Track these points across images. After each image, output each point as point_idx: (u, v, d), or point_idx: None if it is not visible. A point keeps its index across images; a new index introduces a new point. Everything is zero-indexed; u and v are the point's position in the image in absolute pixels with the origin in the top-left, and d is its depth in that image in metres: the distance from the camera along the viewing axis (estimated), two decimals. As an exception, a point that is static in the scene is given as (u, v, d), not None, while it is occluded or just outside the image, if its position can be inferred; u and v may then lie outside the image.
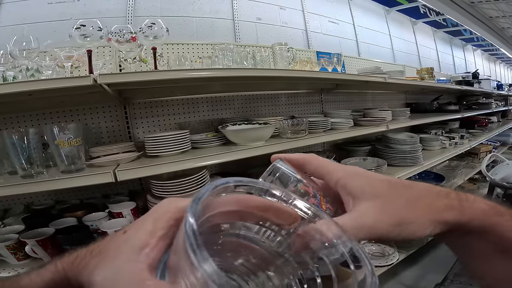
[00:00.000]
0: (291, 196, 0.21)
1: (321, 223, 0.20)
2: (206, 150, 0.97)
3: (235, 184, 0.19)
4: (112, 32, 0.82)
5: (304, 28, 1.95)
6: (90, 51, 0.79)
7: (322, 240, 0.19)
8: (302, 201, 0.21)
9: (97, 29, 0.76)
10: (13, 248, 0.82)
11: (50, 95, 0.83)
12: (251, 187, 0.20)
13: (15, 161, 0.80)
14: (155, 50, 0.87)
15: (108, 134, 1.25)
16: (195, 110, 1.40)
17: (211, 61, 0.99)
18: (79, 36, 0.78)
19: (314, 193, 0.24)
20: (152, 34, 0.85)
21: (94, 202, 1.16)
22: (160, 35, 0.86)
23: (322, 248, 0.19)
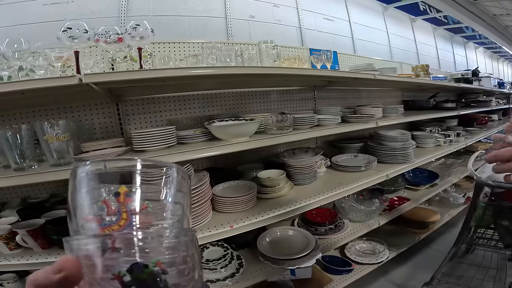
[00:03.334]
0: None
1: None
2: (192, 146, 1.01)
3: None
4: (99, 34, 0.86)
5: (298, 26, 1.97)
6: (77, 52, 0.83)
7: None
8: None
9: (83, 31, 0.80)
10: (5, 238, 0.87)
11: (42, 94, 0.87)
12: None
13: (9, 155, 0.85)
14: (140, 50, 0.90)
15: (101, 130, 1.29)
16: (186, 107, 1.44)
17: (196, 60, 1.02)
18: (67, 38, 0.82)
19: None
20: (138, 34, 0.89)
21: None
22: (146, 36, 0.90)
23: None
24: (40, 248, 0.89)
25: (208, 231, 0.93)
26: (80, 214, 0.23)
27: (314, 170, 1.41)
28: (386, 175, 1.47)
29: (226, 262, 1.15)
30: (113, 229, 0.21)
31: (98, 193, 0.22)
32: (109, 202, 0.22)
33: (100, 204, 0.22)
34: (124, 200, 0.22)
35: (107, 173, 0.23)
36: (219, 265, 1.12)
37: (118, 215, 0.21)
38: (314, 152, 1.48)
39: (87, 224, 0.22)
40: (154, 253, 0.20)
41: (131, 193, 0.22)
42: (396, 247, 1.81)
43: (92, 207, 0.22)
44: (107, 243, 0.20)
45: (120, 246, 0.20)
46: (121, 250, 0.20)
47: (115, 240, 0.20)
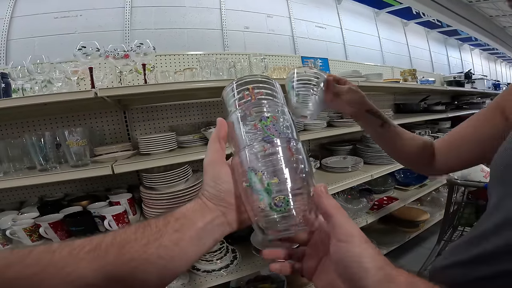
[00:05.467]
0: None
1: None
2: (190, 149, 1.15)
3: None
4: (109, 51, 1.00)
5: (291, 34, 2.09)
6: (91, 68, 0.97)
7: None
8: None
9: (95, 50, 0.94)
10: (29, 231, 0.99)
11: (61, 105, 1.02)
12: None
13: (34, 158, 1.00)
14: (144, 65, 1.04)
15: (111, 135, 1.44)
16: (186, 114, 1.58)
17: (192, 73, 1.15)
18: (81, 55, 0.97)
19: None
20: (142, 51, 1.03)
21: (98, 194, 1.35)
22: (149, 52, 1.04)
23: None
24: (59, 239, 1.02)
25: (204, 224, 1.07)
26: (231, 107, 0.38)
27: (303, 170, 1.53)
28: (370, 175, 1.58)
29: (222, 254, 1.27)
30: (249, 103, 0.36)
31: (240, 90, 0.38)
32: (244, 93, 0.37)
33: (241, 95, 0.37)
34: (251, 90, 0.37)
35: (240, 83, 0.38)
36: (215, 257, 1.25)
37: (250, 98, 0.36)
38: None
39: (238, 106, 0.37)
40: (271, 112, 0.35)
41: (255, 87, 0.37)
42: (386, 245, 1.89)
43: (235, 99, 0.37)
44: (247, 111, 0.35)
45: (253, 111, 0.35)
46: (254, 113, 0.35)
47: (250, 106, 0.36)
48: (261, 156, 0.32)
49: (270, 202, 0.30)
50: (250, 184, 0.31)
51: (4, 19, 1.48)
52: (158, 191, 1.06)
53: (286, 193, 0.30)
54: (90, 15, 1.55)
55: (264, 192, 0.30)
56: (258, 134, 0.33)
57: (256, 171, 0.31)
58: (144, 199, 1.10)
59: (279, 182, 0.31)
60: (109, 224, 1.00)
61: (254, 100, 0.36)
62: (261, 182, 0.31)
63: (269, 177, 0.31)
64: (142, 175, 1.09)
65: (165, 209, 1.04)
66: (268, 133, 0.33)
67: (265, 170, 0.31)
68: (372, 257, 0.26)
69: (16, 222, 1.00)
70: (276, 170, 0.31)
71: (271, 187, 0.30)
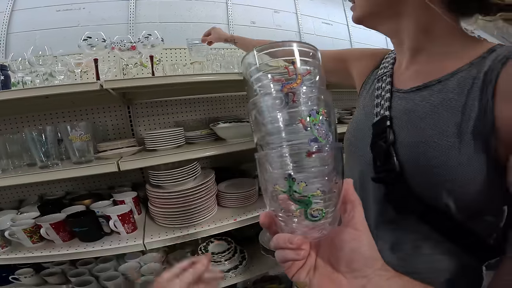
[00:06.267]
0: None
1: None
2: (198, 145, 1.10)
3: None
4: (115, 42, 0.95)
5: (298, 30, 2.04)
6: (96, 59, 0.92)
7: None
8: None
9: (101, 40, 0.89)
10: (29, 232, 0.94)
11: (63, 97, 0.96)
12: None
13: (35, 154, 0.94)
14: (152, 57, 0.99)
15: (114, 131, 1.38)
16: (192, 110, 1.53)
17: (201, 66, 1.11)
18: (87, 45, 0.91)
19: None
20: (149, 43, 0.98)
21: (101, 192, 1.30)
22: (157, 44, 0.99)
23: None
24: (62, 241, 0.97)
25: (214, 224, 1.02)
26: (260, 84, 0.30)
27: (312, 168, 1.49)
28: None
29: (230, 255, 1.23)
30: (293, 86, 0.28)
31: (277, 63, 0.29)
32: (289, 68, 0.28)
33: (282, 69, 0.28)
34: (297, 66, 0.28)
35: (276, 52, 0.30)
36: (223, 258, 1.20)
37: (295, 77, 0.28)
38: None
39: (275, 85, 0.29)
40: (320, 105, 0.28)
41: (303, 61, 0.29)
42: None
43: (271, 74, 0.29)
44: (289, 97, 0.27)
45: (298, 98, 0.28)
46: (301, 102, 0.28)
47: (295, 93, 0.28)
48: (305, 163, 0.27)
49: (306, 213, 0.27)
50: (286, 191, 0.27)
51: (5, 12, 1.42)
52: (166, 189, 1.00)
53: (325, 205, 0.28)
54: (93, 8, 1.50)
55: (302, 204, 0.27)
56: (303, 134, 0.27)
57: (298, 180, 0.27)
58: (150, 197, 1.05)
59: (323, 196, 0.27)
60: (115, 225, 0.95)
61: (300, 81, 0.28)
62: (302, 193, 0.27)
63: (311, 189, 0.27)
64: (149, 173, 1.04)
65: (173, 209, 0.99)
66: (316, 135, 0.27)
67: (308, 182, 0.27)
68: (377, 250, 0.30)
69: (15, 223, 0.95)
70: (321, 182, 0.27)
71: (312, 200, 0.27)
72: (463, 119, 0.36)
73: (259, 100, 0.29)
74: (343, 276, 0.29)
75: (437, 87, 0.41)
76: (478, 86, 0.36)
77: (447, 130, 0.38)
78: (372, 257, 0.29)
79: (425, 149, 0.40)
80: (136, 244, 0.92)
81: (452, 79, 0.39)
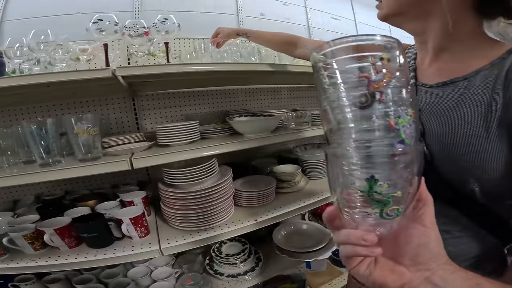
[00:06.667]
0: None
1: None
2: (214, 141, 1.02)
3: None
4: (127, 27, 0.86)
5: (307, 24, 1.98)
6: (106, 44, 0.83)
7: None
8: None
9: (114, 24, 0.80)
10: (30, 238, 0.83)
11: (65, 87, 0.86)
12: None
13: (34, 150, 0.83)
14: (167, 44, 0.91)
15: (117, 125, 1.28)
16: (200, 103, 1.44)
17: (220, 56, 1.03)
18: (95, 30, 0.82)
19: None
20: (164, 29, 0.89)
21: (105, 192, 1.20)
22: (172, 30, 0.90)
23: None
24: (68, 247, 0.87)
25: (233, 225, 0.95)
26: (348, 80, 0.28)
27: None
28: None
29: (245, 257, 1.16)
30: (379, 84, 0.26)
31: (363, 60, 0.27)
32: (377, 65, 0.26)
33: (367, 67, 0.26)
34: (387, 63, 0.26)
35: (358, 47, 0.28)
36: (238, 260, 1.14)
37: (382, 74, 0.26)
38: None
39: (359, 81, 0.27)
40: (408, 106, 0.27)
41: (391, 58, 0.27)
42: None
43: (356, 70, 0.27)
44: (375, 96, 0.26)
45: (384, 98, 0.26)
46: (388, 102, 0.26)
47: (382, 92, 0.26)
48: (389, 165, 0.27)
49: (382, 212, 0.28)
50: (365, 192, 0.27)
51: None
52: (182, 189, 0.92)
53: (402, 205, 0.28)
54: (94, -6, 1.38)
55: (381, 204, 0.28)
56: (390, 135, 0.26)
57: (380, 181, 0.27)
58: (164, 198, 0.96)
59: (402, 196, 0.27)
60: (127, 229, 0.86)
61: (388, 80, 0.26)
62: (383, 194, 0.27)
63: (393, 190, 0.27)
64: (163, 171, 0.95)
65: (190, 210, 0.91)
66: (403, 137, 0.26)
67: (391, 183, 0.27)
68: (443, 246, 0.31)
69: (14, 228, 0.85)
70: (403, 183, 0.27)
71: (391, 200, 0.27)
72: (489, 112, 0.40)
73: (340, 96, 0.28)
74: (406, 269, 0.30)
75: (463, 83, 0.45)
76: (501, 83, 0.40)
77: (474, 121, 0.42)
78: (439, 252, 0.30)
79: (453, 139, 0.44)
80: (152, 250, 0.83)
81: (477, 76, 0.43)
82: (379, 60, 0.26)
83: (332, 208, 0.33)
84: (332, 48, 0.28)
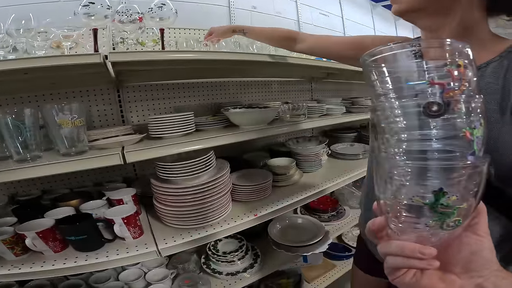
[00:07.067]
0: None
1: None
2: (209, 133, 0.97)
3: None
4: (119, 12, 0.79)
5: (297, 19, 1.98)
6: (96, 30, 0.76)
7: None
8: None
9: (106, 7, 0.72)
10: (9, 243, 0.75)
11: (47, 75, 0.78)
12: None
13: (10, 144, 0.74)
14: (162, 31, 0.85)
15: (100, 118, 1.19)
16: (190, 95, 1.39)
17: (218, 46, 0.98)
18: (83, 14, 0.74)
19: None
20: (158, 15, 0.83)
21: (88, 190, 1.11)
22: (167, 17, 0.84)
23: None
24: (53, 252, 0.79)
25: (233, 222, 0.92)
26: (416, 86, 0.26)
27: (319, 158, 1.44)
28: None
29: (243, 254, 1.14)
30: (455, 93, 0.25)
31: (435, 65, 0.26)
32: (453, 71, 0.25)
33: (444, 71, 0.25)
34: (463, 70, 0.25)
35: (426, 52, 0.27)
36: (236, 257, 1.11)
37: (459, 82, 0.25)
38: (318, 140, 1.51)
39: (431, 89, 0.25)
40: (480, 116, 0.26)
41: (467, 65, 0.25)
42: None
43: (426, 75, 0.26)
44: (450, 104, 0.25)
45: (459, 107, 0.25)
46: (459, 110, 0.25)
47: (458, 100, 0.25)
48: (458, 177, 0.25)
49: (443, 224, 0.27)
50: (430, 204, 0.26)
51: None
52: (177, 184, 0.87)
53: (465, 216, 0.27)
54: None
55: (444, 216, 0.26)
56: (462, 146, 0.25)
57: (449, 194, 0.25)
58: (157, 194, 0.91)
59: (467, 208, 0.27)
60: (120, 230, 0.80)
61: (464, 88, 0.25)
62: (449, 206, 0.26)
63: (460, 202, 0.26)
64: (157, 165, 0.89)
65: (187, 207, 0.87)
66: (475, 149, 0.26)
67: (459, 195, 0.26)
68: (495, 254, 0.30)
69: (-11, 231, 0.75)
70: (469, 195, 0.26)
71: (456, 212, 0.26)
72: (503, 98, 0.42)
73: (407, 103, 0.27)
74: (457, 277, 0.30)
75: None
76: (511, 73, 0.42)
77: (489, 107, 0.43)
78: (491, 259, 0.30)
79: None
80: (149, 252, 0.78)
81: (488, 67, 0.45)
82: (455, 67, 0.25)
83: (381, 219, 0.32)
84: (395, 51, 0.27)
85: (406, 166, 0.27)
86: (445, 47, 0.26)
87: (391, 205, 0.29)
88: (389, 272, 0.32)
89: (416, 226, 0.28)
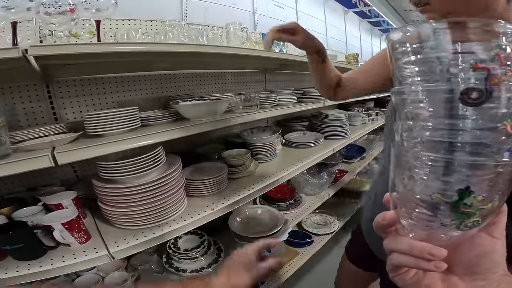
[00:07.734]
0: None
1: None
2: (157, 127, 0.93)
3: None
4: (45, 4, 0.69)
5: (252, 11, 1.98)
6: (15, 23, 0.67)
7: None
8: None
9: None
10: None
11: None
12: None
13: None
14: (98, 22, 0.77)
15: (27, 116, 1.05)
16: (136, 88, 1.30)
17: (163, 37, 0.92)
18: (1, 8, 0.64)
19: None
20: (95, 6, 0.75)
21: (20, 196, 0.98)
22: (105, 8, 0.77)
23: None
24: None
25: (190, 218, 0.90)
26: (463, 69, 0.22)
27: (274, 147, 1.49)
28: (332, 149, 1.68)
29: (205, 249, 1.13)
30: (501, 80, 0.21)
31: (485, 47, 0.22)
32: (501, 56, 0.21)
33: (492, 54, 0.21)
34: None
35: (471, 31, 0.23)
36: (199, 253, 1.10)
37: (504, 68, 0.21)
38: (272, 130, 1.56)
39: (474, 73, 0.22)
40: None
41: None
42: (342, 216, 2.05)
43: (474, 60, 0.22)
44: (493, 92, 0.21)
45: (504, 96, 0.21)
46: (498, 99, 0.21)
47: (502, 89, 0.21)
48: (488, 175, 0.23)
49: (461, 223, 0.25)
50: (451, 203, 0.24)
51: None
52: (124, 183, 0.82)
53: (487, 217, 0.25)
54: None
55: (465, 216, 0.24)
56: (500, 141, 0.22)
57: (475, 193, 0.23)
58: (102, 196, 0.85)
59: (490, 209, 0.24)
60: (62, 236, 0.73)
61: (511, 74, 0.21)
62: (473, 206, 0.24)
63: (484, 203, 0.24)
64: (98, 164, 0.83)
65: (137, 206, 0.83)
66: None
67: (486, 195, 0.23)
68: (505, 258, 0.28)
69: None
70: (496, 196, 0.24)
71: (478, 213, 0.24)
72: None
73: (438, 87, 0.23)
74: (460, 279, 0.28)
75: None
76: None
77: None
78: (499, 263, 0.28)
79: None
80: (99, 256, 0.73)
81: None
82: (505, 51, 0.21)
83: (392, 214, 0.30)
84: (431, 29, 0.23)
85: (429, 158, 0.24)
86: (495, 27, 0.22)
87: (405, 199, 0.27)
88: (391, 269, 0.30)
89: (430, 224, 0.26)
